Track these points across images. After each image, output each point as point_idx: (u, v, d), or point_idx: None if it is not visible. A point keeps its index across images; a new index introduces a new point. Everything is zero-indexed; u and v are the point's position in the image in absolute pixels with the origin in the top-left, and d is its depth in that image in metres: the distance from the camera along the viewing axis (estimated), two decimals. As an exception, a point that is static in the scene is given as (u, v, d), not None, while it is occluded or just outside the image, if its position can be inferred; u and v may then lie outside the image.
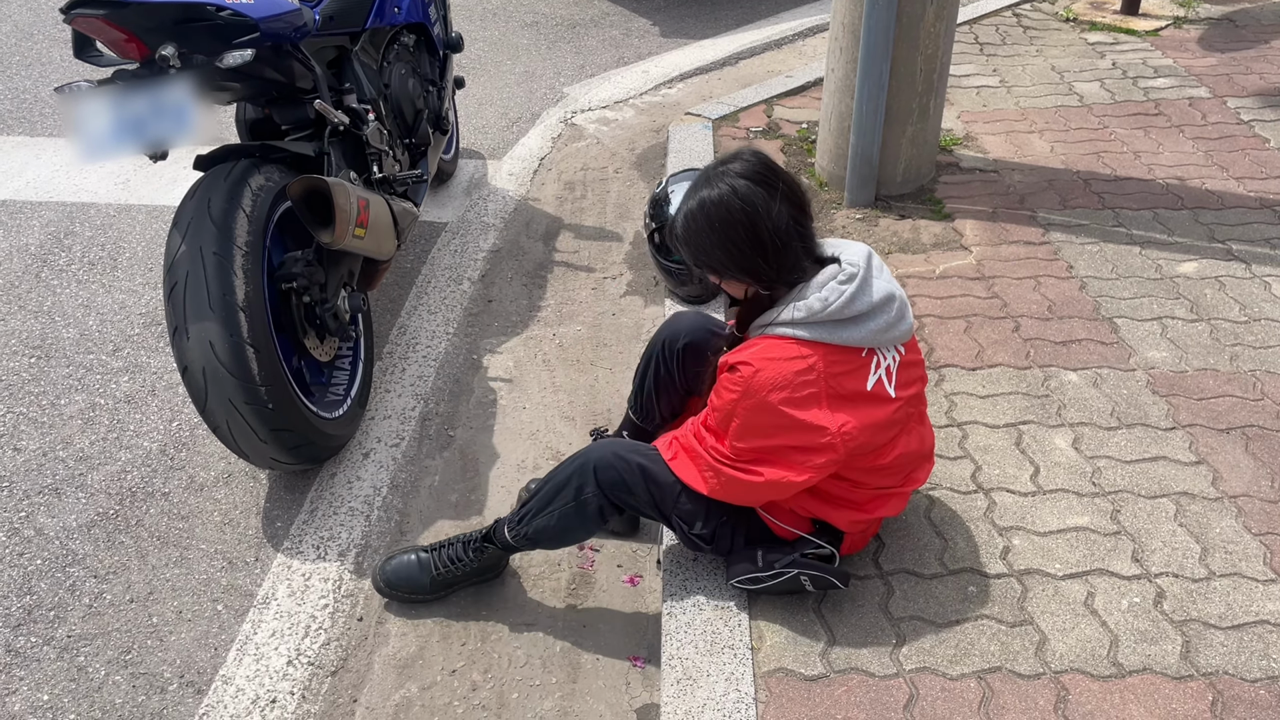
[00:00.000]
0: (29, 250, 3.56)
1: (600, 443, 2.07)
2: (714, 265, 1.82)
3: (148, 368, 2.98)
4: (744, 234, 1.74)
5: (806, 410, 1.74)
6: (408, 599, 2.22)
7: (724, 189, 1.74)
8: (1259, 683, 1.82)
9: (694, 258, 1.83)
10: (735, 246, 1.76)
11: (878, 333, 1.76)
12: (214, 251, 2.17)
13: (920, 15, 3.26)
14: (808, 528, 1.97)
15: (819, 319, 1.73)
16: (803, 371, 1.73)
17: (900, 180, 3.61)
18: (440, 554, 2.20)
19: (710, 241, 1.78)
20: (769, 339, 1.78)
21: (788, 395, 1.73)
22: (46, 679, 2.07)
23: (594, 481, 1.97)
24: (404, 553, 2.23)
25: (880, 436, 1.82)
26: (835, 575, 1.91)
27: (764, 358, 1.75)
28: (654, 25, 5.84)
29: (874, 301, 1.75)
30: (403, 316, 3.25)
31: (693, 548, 2.05)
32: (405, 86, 3.26)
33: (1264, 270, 3.07)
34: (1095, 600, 1.99)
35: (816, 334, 1.74)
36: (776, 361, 1.74)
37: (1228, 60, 4.68)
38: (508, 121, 4.66)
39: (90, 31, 2.20)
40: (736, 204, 1.73)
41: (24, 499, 2.51)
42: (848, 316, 1.74)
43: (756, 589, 1.98)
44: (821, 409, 1.74)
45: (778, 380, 1.73)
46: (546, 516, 2.02)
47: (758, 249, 1.75)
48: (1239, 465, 2.32)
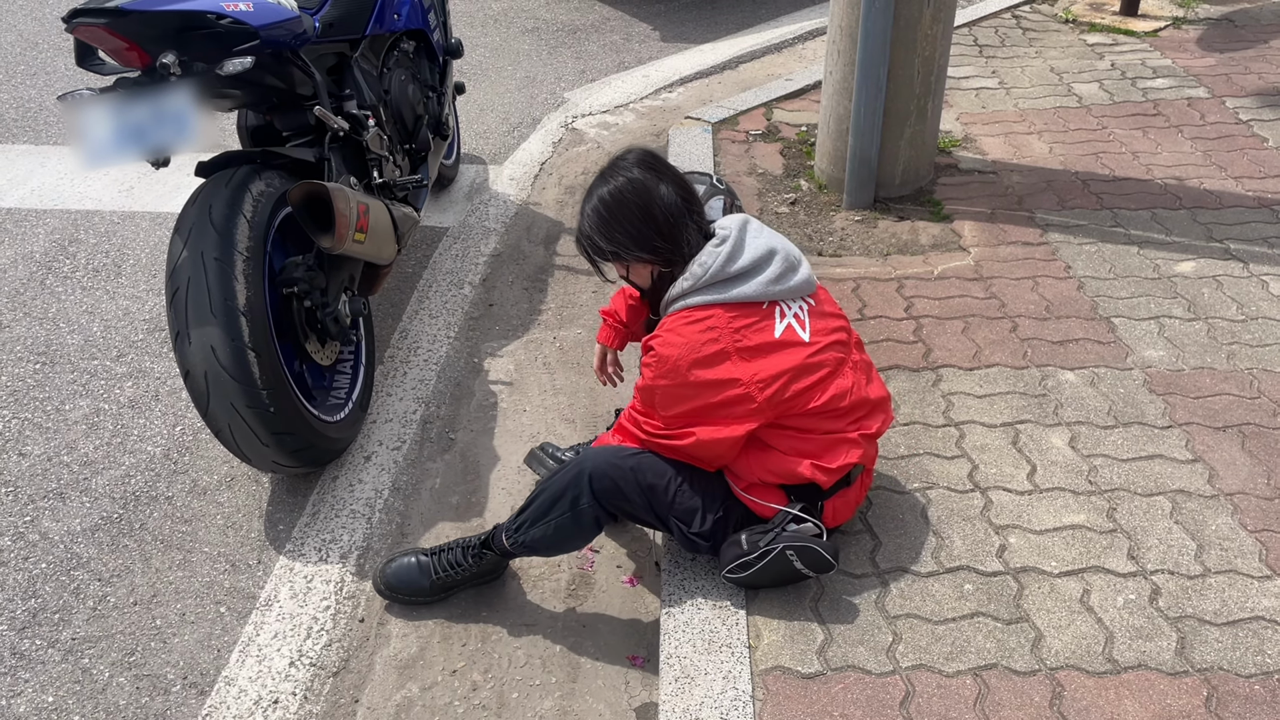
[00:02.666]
0: (34, 257, 3.59)
1: (594, 450, 2.09)
2: (618, 248, 1.99)
3: (151, 373, 3.01)
4: (639, 214, 1.96)
5: (717, 367, 1.89)
6: (408, 601, 2.23)
7: (619, 180, 1.98)
8: (1254, 678, 1.83)
9: (600, 247, 2.01)
10: (633, 226, 1.96)
11: (768, 284, 1.93)
12: (215, 257, 2.19)
13: (917, 18, 3.28)
14: (784, 500, 1.99)
15: (705, 283, 1.92)
16: (704, 332, 1.90)
17: (899, 182, 3.63)
18: (440, 558, 2.21)
19: (612, 226, 1.97)
20: (672, 315, 1.96)
21: (696, 357, 1.89)
22: (51, 681, 2.09)
23: (589, 492, 2.00)
24: (405, 555, 2.25)
25: (802, 380, 1.92)
26: (824, 549, 1.92)
27: (668, 330, 1.93)
28: (654, 30, 5.86)
29: (754, 258, 1.93)
30: (404, 320, 3.27)
31: (691, 548, 2.07)
32: (405, 92, 3.28)
33: (1261, 269, 3.07)
34: (1091, 597, 2.00)
35: (708, 296, 1.92)
36: (679, 329, 1.91)
37: (1226, 60, 4.69)
38: (509, 127, 4.69)
39: (92, 40, 2.22)
40: (630, 190, 1.96)
41: (29, 503, 2.53)
42: (731, 275, 1.92)
43: (747, 575, 1.97)
44: (731, 363, 1.89)
45: (685, 345, 1.89)
46: (543, 527, 2.05)
47: (653, 226, 1.95)
48: (1235, 463, 2.33)
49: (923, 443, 2.44)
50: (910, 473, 2.35)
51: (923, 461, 2.38)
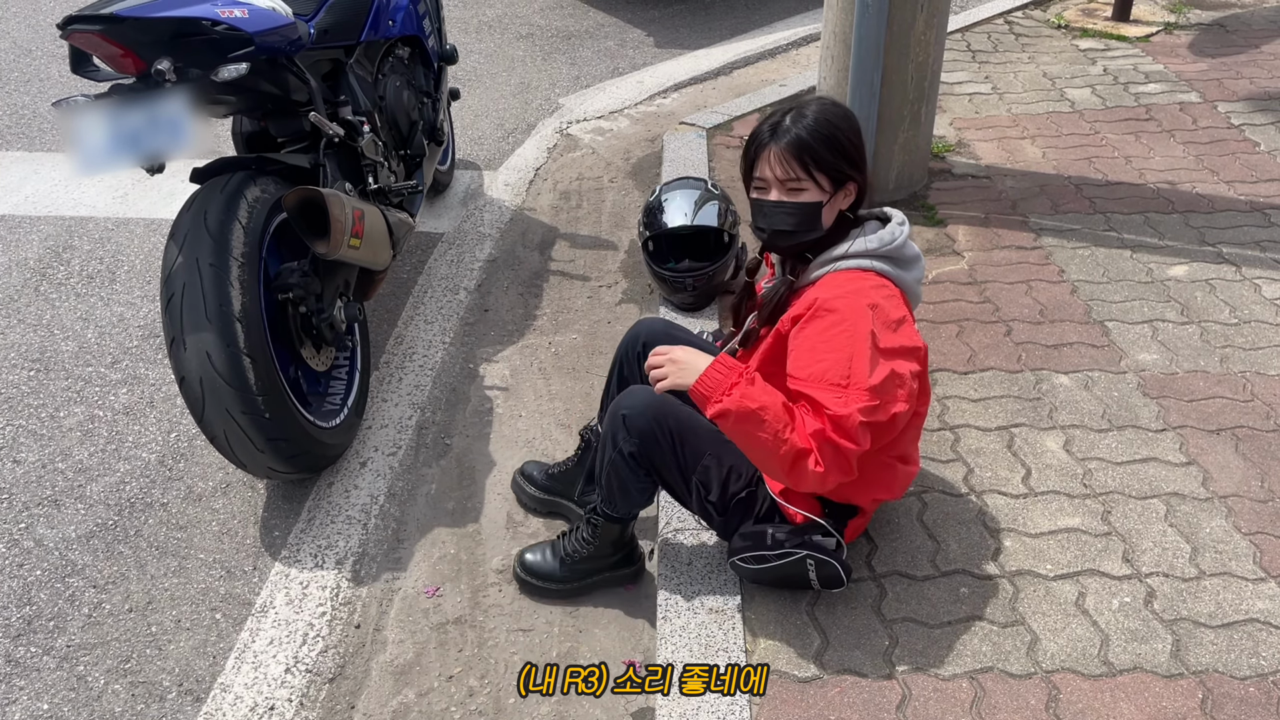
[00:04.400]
0: (28, 264, 3.59)
1: (629, 392, 2.04)
2: (843, 162, 1.82)
3: (146, 379, 3.00)
4: (855, 135, 1.84)
5: (901, 331, 1.77)
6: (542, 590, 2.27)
7: (828, 103, 1.84)
8: (1249, 680, 1.83)
9: (824, 157, 1.79)
10: (853, 142, 1.83)
11: (916, 284, 1.90)
12: (210, 263, 2.19)
13: (910, 23, 3.30)
14: (818, 511, 1.95)
15: (887, 251, 1.83)
16: (889, 295, 1.80)
17: (893, 187, 3.64)
18: (566, 539, 2.24)
19: (837, 139, 1.80)
20: (838, 274, 1.82)
21: (887, 319, 1.76)
22: (46, 688, 2.09)
23: (624, 429, 1.96)
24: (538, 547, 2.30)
25: (926, 379, 1.90)
26: (843, 566, 1.90)
27: (852, 290, 1.77)
28: (648, 36, 5.88)
29: (916, 251, 1.92)
30: (400, 326, 3.27)
31: (704, 516, 2.05)
32: (400, 98, 3.28)
33: (1254, 273, 3.09)
34: (1086, 600, 2.00)
35: (886, 266, 1.84)
36: (865, 290, 1.77)
37: (1218, 65, 4.71)
38: (503, 132, 4.69)
39: (87, 47, 2.22)
40: (847, 113, 1.86)
41: (23, 510, 2.53)
42: (906, 256, 1.87)
43: (759, 569, 1.94)
44: (908, 328, 1.80)
45: (877, 304, 1.75)
46: (603, 475, 2.05)
47: (862, 152, 1.85)
48: (1229, 466, 2.34)
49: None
50: (906, 476, 2.35)
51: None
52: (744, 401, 1.70)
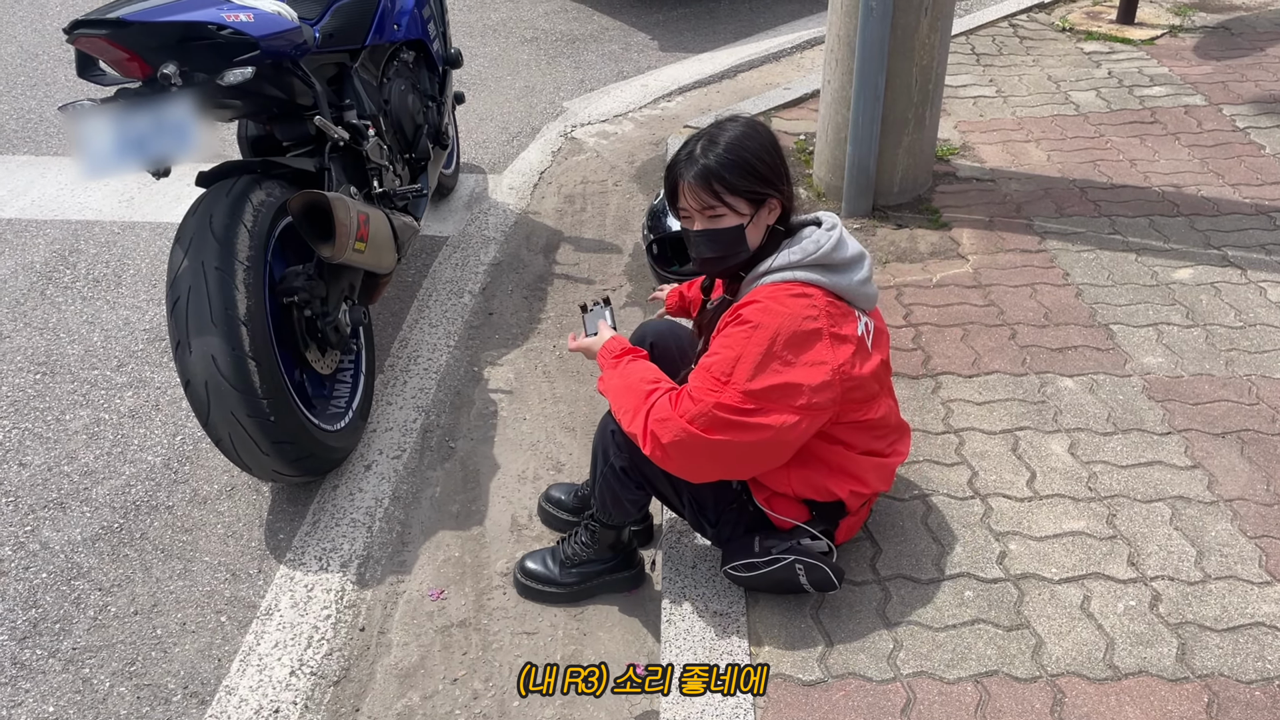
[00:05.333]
0: (34, 268, 3.60)
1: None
2: (756, 183, 1.82)
3: (151, 383, 3.01)
4: (773, 151, 1.85)
5: (810, 347, 1.79)
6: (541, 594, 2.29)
7: (741, 124, 1.86)
8: (1254, 684, 1.83)
9: (733, 183, 1.81)
10: (769, 160, 1.84)
11: (858, 286, 1.88)
12: (216, 266, 2.20)
13: (914, 27, 3.30)
14: (805, 516, 1.97)
15: (813, 260, 1.83)
16: (807, 307, 1.80)
17: (897, 190, 3.64)
18: (566, 543, 2.27)
19: (753, 157, 1.82)
20: (767, 285, 1.84)
21: (795, 330, 1.78)
22: (52, 691, 2.09)
23: (613, 443, 1.99)
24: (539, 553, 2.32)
25: (869, 387, 1.88)
26: (833, 570, 1.92)
27: (768, 298, 1.81)
28: (652, 39, 5.88)
29: (853, 253, 1.89)
30: (404, 329, 3.27)
31: (698, 529, 2.08)
32: (405, 102, 3.29)
33: (1259, 275, 3.08)
34: (1091, 604, 2.00)
35: (813, 276, 1.83)
36: (781, 299, 1.80)
37: (1223, 68, 4.71)
38: (508, 136, 4.70)
39: (93, 51, 2.23)
40: (758, 129, 1.87)
41: (29, 513, 2.54)
42: (836, 262, 1.85)
43: (750, 576, 1.96)
44: (824, 344, 1.80)
45: (786, 315, 1.78)
46: (596, 485, 2.07)
47: (784, 169, 1.87)
48: (1234, 469, 2.34)
49: (922, 450, 2.44)
50: (910, 480, 2.35)
51: (923, 468, 2.38)
52: (600, 385, 1.98)
